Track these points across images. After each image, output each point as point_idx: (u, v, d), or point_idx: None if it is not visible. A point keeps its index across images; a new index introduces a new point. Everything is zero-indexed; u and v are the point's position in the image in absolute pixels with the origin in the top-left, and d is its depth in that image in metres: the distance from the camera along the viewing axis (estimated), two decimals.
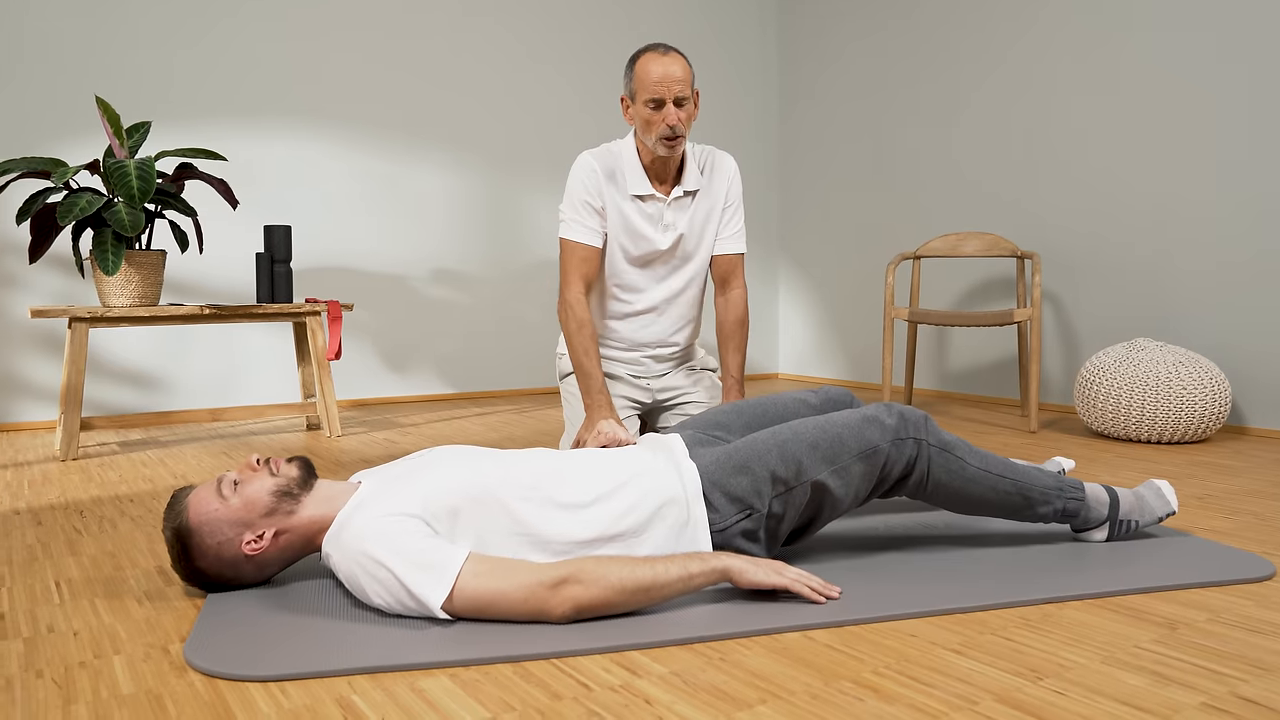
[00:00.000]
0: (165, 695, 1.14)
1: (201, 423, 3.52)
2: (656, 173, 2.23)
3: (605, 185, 2.20)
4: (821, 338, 4.97)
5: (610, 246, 2.23)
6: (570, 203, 2.21)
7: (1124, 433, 3.03)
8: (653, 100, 2.09)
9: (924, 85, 4.32)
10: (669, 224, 2.24)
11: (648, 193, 2.20)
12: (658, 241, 2.23)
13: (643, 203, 2.22)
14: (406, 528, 1.37)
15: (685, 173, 2.24)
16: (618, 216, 2.21)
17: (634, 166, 2.21)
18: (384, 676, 1.20)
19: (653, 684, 1.17)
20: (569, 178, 2.22)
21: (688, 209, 2.25)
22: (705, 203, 2.27)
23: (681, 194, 2.23)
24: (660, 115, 2.09)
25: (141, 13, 3.48)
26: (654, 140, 2.12)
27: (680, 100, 2.09)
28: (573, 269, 2.18)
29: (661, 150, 2.13)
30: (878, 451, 1.58)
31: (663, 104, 2.09)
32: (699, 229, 2.27)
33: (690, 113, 2.13)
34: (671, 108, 2.09)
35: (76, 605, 1.48)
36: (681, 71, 2.09)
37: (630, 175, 2.21)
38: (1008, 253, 3.59)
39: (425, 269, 4.15)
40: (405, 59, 4.04)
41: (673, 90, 2.08)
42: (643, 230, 2.22)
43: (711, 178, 2.28)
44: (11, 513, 2.10)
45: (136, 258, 2.82)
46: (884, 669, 1.21)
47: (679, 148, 2.14)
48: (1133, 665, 1.22)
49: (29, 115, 3.31)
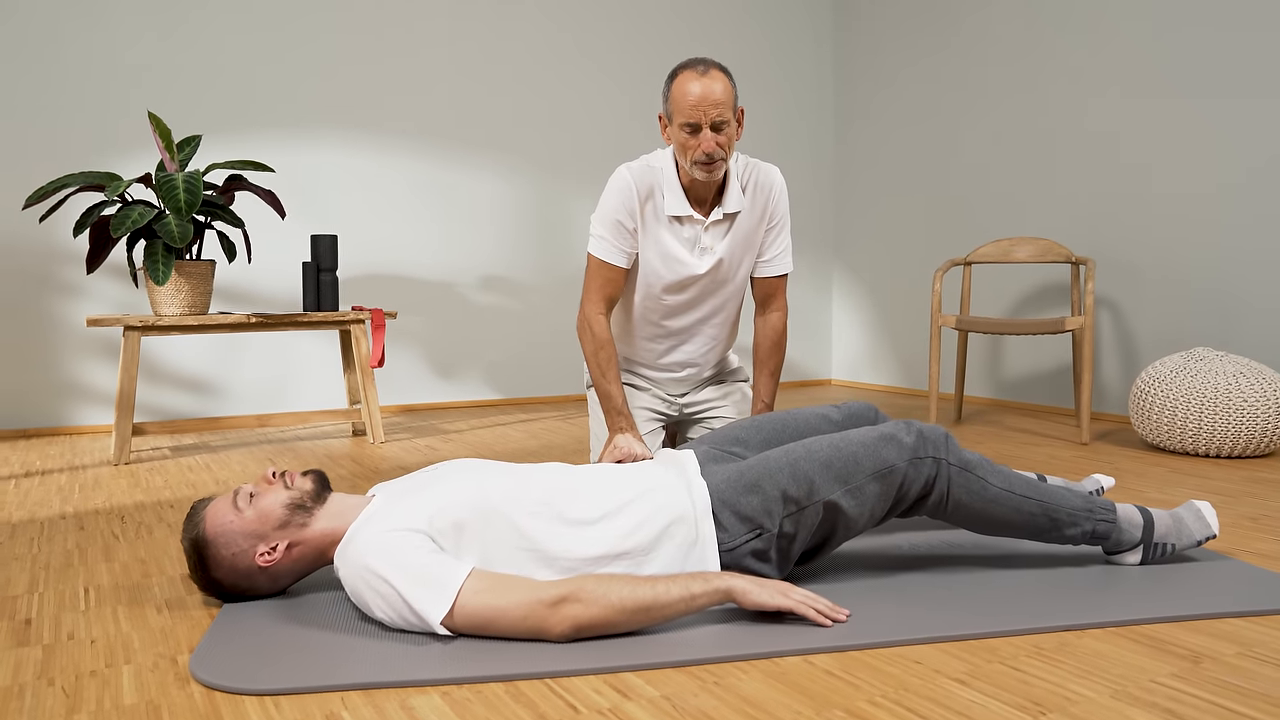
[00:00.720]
0: (164, 707, 1.17)
1: (250, 428, 3.62)
2: (696, 194, 2.10)
3: (641, 206, 2.09)
4: (875, 344, 4.89)
5: (643, 269, 2.14)
6: (603, 220, 2.11)
7: (1180, 446, 2.91)
8: (688, 124, 1.94)
9: (979, 92, 4.22)
10: (706, 247, 2.11)
11: (685, 214, 2.08)
12: (694, 266, 2.12)
13: (680, 225, 2.10)
14: (410, 543, 1.38)
15: (727, 193, 2.09)
16: (652, 240, 2.11)
17: (673, 186, 2.08)
18: (378, 693, 1.21)
19: (641, 707, 1.16)
20: (605, 192, 2.11)
21: (727, 232, 2.12)
22: (747, 223, 2.14)
23: (721, 216, 2.10)
24: (696, 141, 1.95)
25: (196, 31, 3.59)
26: (690, 164, 1.99)
27: (718, 125, 1.93)
28: (596, 288, 2.11)
29: (699, 174, 2.00)
30: (894, 471, 1.55)
31: (699, 129, 1.94)
32: (739, 252, 2.15)
33: (731, 135, 1.98)
34: (708, 133, 1.94)
35: (99, 613, 1.53)
36: (722, 92, 1.93)
37: (669, 195, 2.08)
38: (1061, 258, 3.48)
39: (475, 276, 4.20)
40: (455, 67, 4.10)
41: (710, 115, 1.92)
42: (678, 254, 2.11)
43: (754, 196, 2.13)
44: (59, 517, 2.19)
45: (186, 268, 2.91)
46: (880, 698, 1.18)
47: (717, 172, 2.00)
48: (1144, 701, 1.17)
49: (90, 131, 3.45)
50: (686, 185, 2.09)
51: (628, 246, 2.10)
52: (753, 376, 2.20)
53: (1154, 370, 3.02)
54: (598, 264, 2.11)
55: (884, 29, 4.70)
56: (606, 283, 2.11)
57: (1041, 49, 3.93)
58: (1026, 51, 3.99)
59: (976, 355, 4.32)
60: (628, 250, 2.11)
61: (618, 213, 2.08)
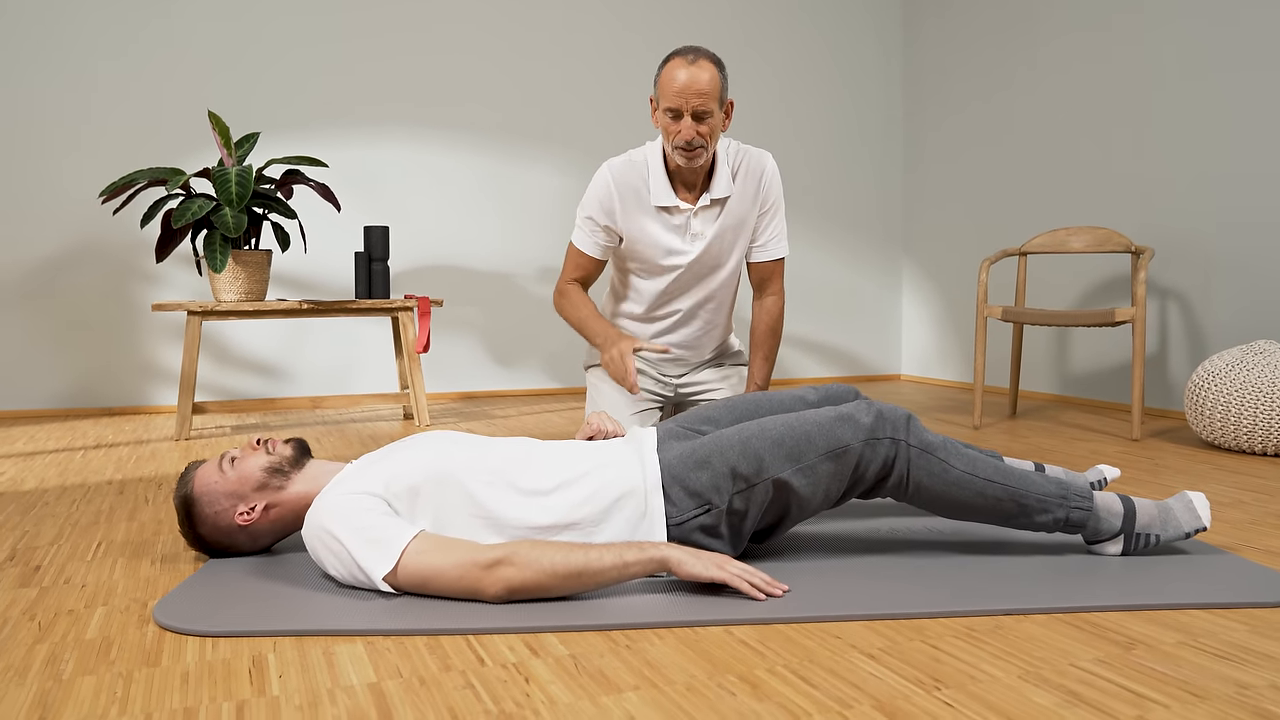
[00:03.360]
0: (117, 643, 1.28)
1: (303, 409, 3.81)
2: (684, 179, 2.14)
3: (621, 204, 2.14)
4: (943, 339, 4.78)
5: (634, 259, 2.20)
6: (582, 212, 2.21)
7: (1235, 444, 2.75)
8: (671, 110, 1.99)
9: (1045, 82, 4.07)
10: (696, 233, 2.15)
11: (671, 204, 2.12)
12: (684, 253, 2.16)
13: (668, 215, 2.14)
14: (363, 505, 1.46)
15: (715, 179, 2.13)
16: (640, 231, 2.15)
17: (658, 175, 2.12)
18: (309, 640, 1.29)
19: (544, 664, 1.20)
20: (589, 186, 2.20)
21: (716, 217, 2.15)
22: (738, 208, 2.17)
23: (709, 202, 2.14)
24: (678, 127, 2.00)
25: (254, 33, 3.81)
26: (673, 150, 2.05)
27: (700, 114, 1.98)
28: (570, 271, 2.24)
29: (680, 160, 2.05)
30: (848, 451, 1.54)
31: (681, 115, 1.99)
32: (730, 237, 2.18)
33: (714, 126, 2.02)
34: (689, 120, 1.98)
35: (101, 564, 1.67)
36: (707, 82, 1.96)
37: (654, 185, 2.12)
38: (1121, 248, 3.33)
39: (534, 268, 4.31)
40: (514, 60, 4.21)
41: (692, 103, 1.97)
42: (666, 243, 2.15)
43: (745, 182, 2.16)
44: (106, 483, 2.38)
45: (243, 257, 3.10)
46: (781, 667, 1.19)
47: (697, 160, 2.04)
48: (1052, 684, 1.14)
49: (166, 128, 3.70)
50: (672, 170, 2.12)
51: (602, 240, 2.20)
52: (749, 360, 2.23)
53: (1211, 364, 2.86)
54: (575, 251, 2.24)
55: (950, 19, 4.58)
56: (578, 268, 2.24)
57: (1119, 36, 3.76)
58: (1102, 38, 3.83)
59: (1040, 350, 4.17)
60: (602, 244, 2.21)
61: (593, 210, 2.18)
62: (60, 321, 3.62)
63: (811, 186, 4.82)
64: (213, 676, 1.17)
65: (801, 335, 4.85)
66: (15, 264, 3.56)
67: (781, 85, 4.73)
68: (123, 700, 1.10)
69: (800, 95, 4.77)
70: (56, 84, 3.57)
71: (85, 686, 1.14)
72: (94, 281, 3.65)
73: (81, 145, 3.61)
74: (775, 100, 4.71)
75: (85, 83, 3.60)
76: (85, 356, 3.66)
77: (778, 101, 4.72)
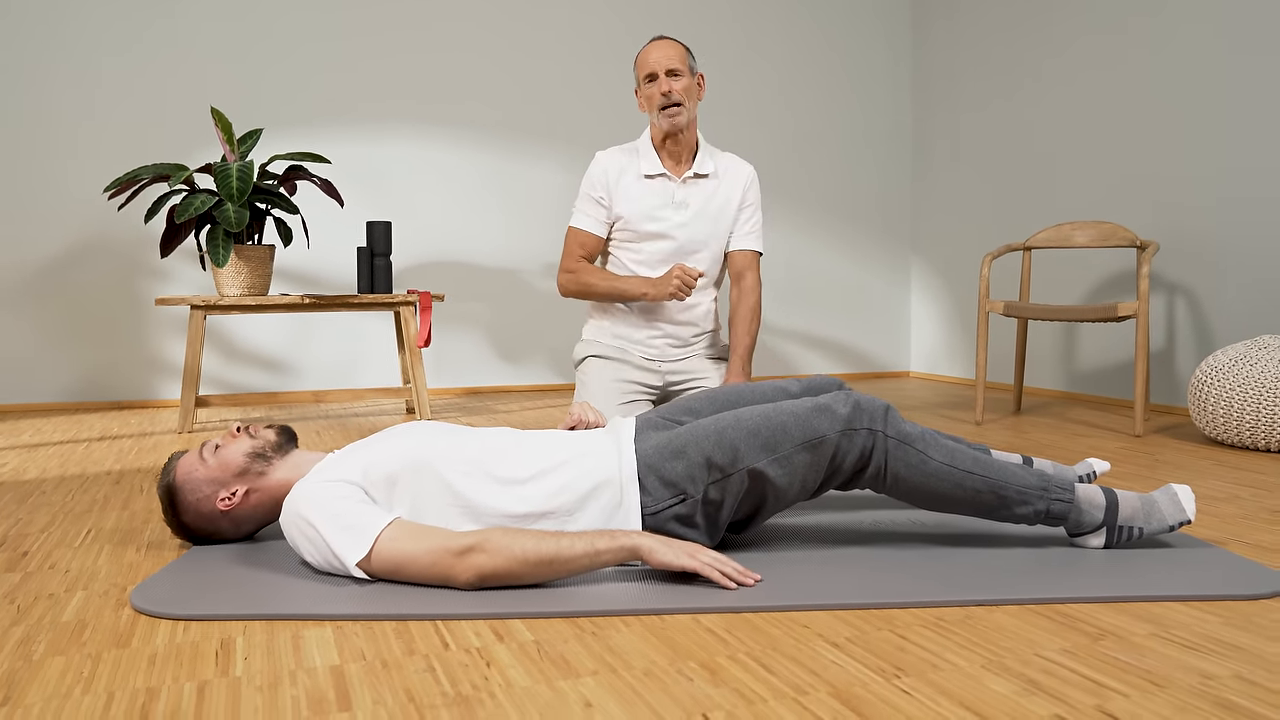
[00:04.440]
0: (91, 625, 1.30)
1: (306, 404, 3.85)
2: (670, 153, 2.40)
3: (615, 178, 2.39)
4: (951, 336, 4.75)
5: (625, 225, 2.39)
6: (580, 197, 2.44)
7: (1239, 440, 2.72)
8: (648, 75, 2.32)
9: (1053, 79, 4.03)
10: (681, 201, 2.38)
11: (659, 172, 2.38)
12: (672, 217, 2.37)
13: (653, 181, 2.39)
14: (339, 492, 1.47)
15: (699, 158, 2.41)
16: (631, 199, 2.38)
17: (648, 150, 2.40)
18: (279, 624, 1.30)
19: (508, 649, 1.21)
20: (584, 175, 2.46)
21: (699, 191, 2.39)
22: (722, 191, 2.42)
23: (693, 175, 2.39)
24: (654, 87, 2.31)
25: (260, 31, 3.84)
26: (657, 114, 2.32)
27: (673, 71, 2.30)
28: (572, 251, 2.40)
29: (664, 123, 2.31)
30: (825, 441, 1.53)
31: (656, 76, 2.31)
32: (713, 215, 2.40)
33: (688, 86, 2.32)
34: (664, 78, 2.29)
35: (88, 550, 1.69)
36: (670, 49, 2.32)
37: (644, 159, 2.39)
38: (1125, 242, 3.30)
39: (538, 264, 4.32)
40: (517, 56, 4.22)
41: (664, 64, 2.30)
42: (652, 208, 2.37)
43: (729, 172, 2.43)
44: (104, 473, 2.41)
45: (246, 252, 3.13)
46: (743, 654, 1.19)
47: (679, 116, 2.30)
48: (1013, 672, 1.13)
49: (171, 125, 3.74)
50: (659, 144, 2.39)
51: (602, 217, 2.40)
52: (730, 335, 2.40)
53: (1214, 360, 2.83)
54: (574, 232, 2.41)
55: (961, 16, 4.55)
56: (581, 246, 2.41)
57: (1130, 31, 3.72)
58: (1111, 34, 3.79)
59: (1046, 347, 4.14)
60: (602, 220, 2.40)
61: (590, 189, 2.39)
62: (68, 317, 3.67)
63: (820, 185, 4.80)
64: (179, 658, 1.18)
65: (810, 333, 4.84)
66: (23, 260, 3.61)
67: (788, 83, 4.71)
68: (88, 680, 1.12)
69: (808, 94, 4.75)
70: (61, 81, 3.62)
71: (53, 667, 1.16)
72: (100, 277, 3.70)
73: (86, 142, 3.66)
74: (782, 98, 4.70)
75: (89, 80, 3.64)
76: (92, 351, 3.71)
77: (785, 99, 4.71)
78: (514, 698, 1.07)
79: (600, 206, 2.39)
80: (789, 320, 4.79)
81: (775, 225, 4.74)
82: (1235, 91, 3.29)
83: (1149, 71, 3.61)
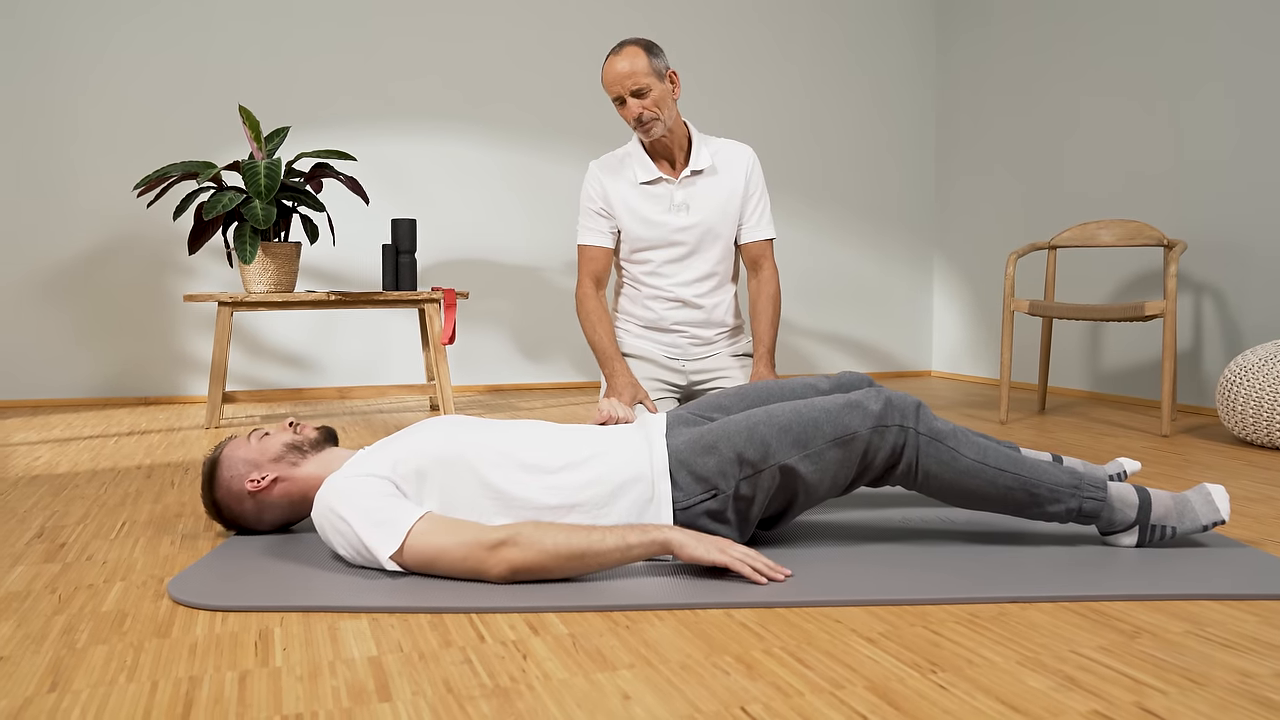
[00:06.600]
0: (131, 615, 1.32)
1: (331, 400, 3.87)
2: (663, 156, 2.35)
3: (610, 186, 2.34)
4: (974, 336, 4.73)
5: (628, 236, 2.35)
6: (581, 212, 2.40)
7: (1269, 440, 2.69)
8: (615, 100, 2.25)
9: (1077, 77, 4.01)
10: (680, 203, 2.33)
11: (654, 177, 2.32)
12: (671, 221, 2.33)
13: (651, 187, 2.33)
14: (371, 487, 1.48)
15: (694, 153, 2.34)
16: (627, 210, 2.33)
17: (639, 156, 2.34)
18: (316, 615, 1.32)
19: (544, 642, 1.22)
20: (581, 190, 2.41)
21: (700, 188, 2.33)
22: (725, 184, 2.35)
23: (690, 173, 2.33)
24: (625, 111, 2.24)
25: (286, 30, 3.87)
26: (634, 131, 2.30)
27: (638, 92, 2.20)
28: (584, 270, 2.37)
29: (642, 137, 2.27)
30: (856, 438, 1.53)
31: (623, 100, 2.22)
32: (718, 208, 2.34)
33: (657, 98, 2.22)
34: (631, 100, 2.21)
35: (124, 542, 1.71)
36: (629, 66, 2.19)
37: (637, 166, 2.34)
38: (1152, 241, 3.28)
39: (562, 262, 4.33)
40: (545, 54, 4.24)
41: (626, 86, 2.20)
42: (653, 216, 2.32)
43: (729, 162, 2.36)
44: (135, 467, 2.43)
45: (273, 249, 3.15)
46: (778, 649, 1.19)
47: (653, 130, 2.24)
48: (1049, 669, 1.13)
49: (201, 123, 3.78)
50: (649, 148, 2.34)
51: (605, 227, 2.37)
52: (752, 327, 2.37)
53: (1244, 359, 2.81)
54: (582, 249, 2.39)
55: (986, 16, 4.53)
56: (590, 261, 2.37)
57: (1160, 19, 3.69)
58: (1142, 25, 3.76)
59: (1072, 346, 4.11)
60: (606, 230, 2.37)
61: (588, 202, 2.38)
62: (97, 313, 3.71)
63: (844, 184, 4.79)
64: (219, 648, 1.20)
65: (833, 331, 4.83)
66: (55, 259, 3.65)
67: (813, 83, 4.70)
68: (131, 668, 1.13)
69: (833, 95, 4.74)
70: (91, 81, 3.66)
71: (97, 655, 1.17)
72: (129, 274, 3.74)
73: (116, 141, 3.70)
74: (807, 98, 4.69)
75: (119, 80, 3.68)
76: (122, 347, 3.75)
77: (810, 99, 4.70)
78: (552, 689, 1.08)
79: (602, 217, 2.35)
80: (811, 319, 4.78)
81: (798, 224, 4.73)
82: (1263, 89, 3.26)
83: (1176, 68, 3.58)
